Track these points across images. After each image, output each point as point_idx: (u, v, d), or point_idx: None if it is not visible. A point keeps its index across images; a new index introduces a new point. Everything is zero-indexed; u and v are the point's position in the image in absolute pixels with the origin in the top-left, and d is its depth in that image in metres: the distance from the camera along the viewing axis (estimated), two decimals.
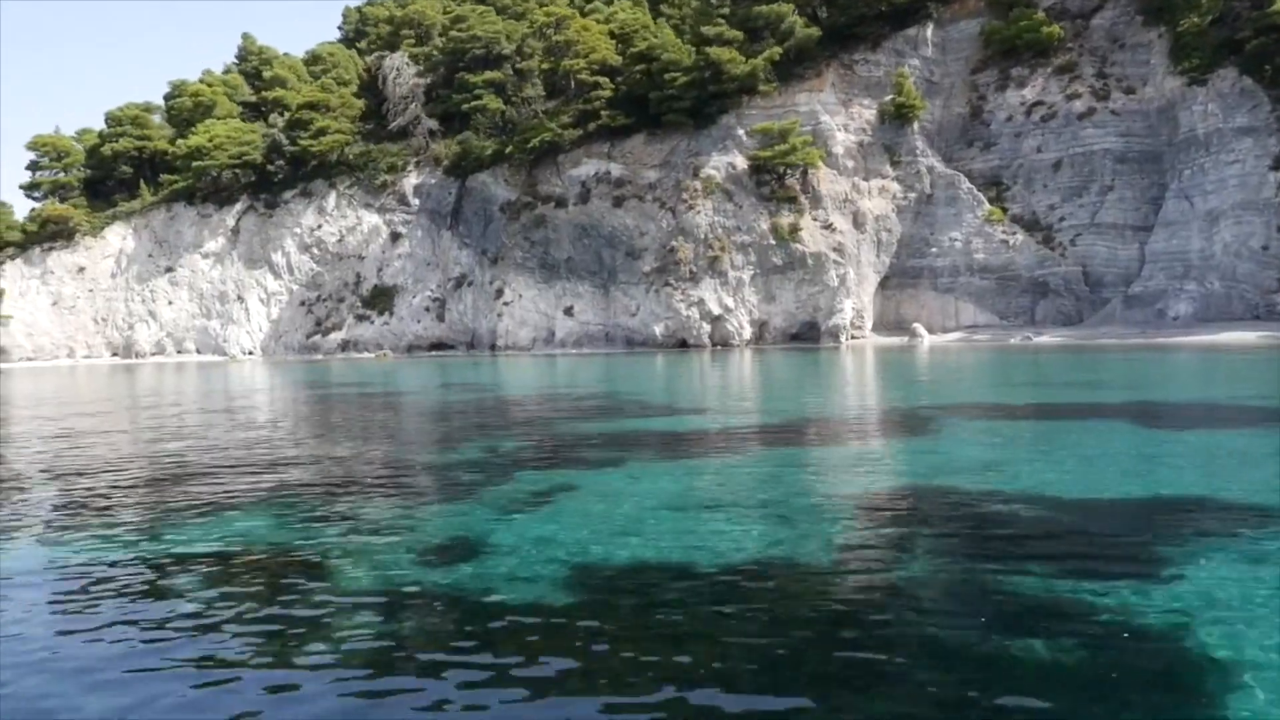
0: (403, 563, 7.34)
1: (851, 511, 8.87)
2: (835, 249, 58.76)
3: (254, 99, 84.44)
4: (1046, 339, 50.26)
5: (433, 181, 72.26)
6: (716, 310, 59.03)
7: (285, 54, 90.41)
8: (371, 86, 78.32)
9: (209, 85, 79.37)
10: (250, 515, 9.38)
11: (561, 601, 6.24)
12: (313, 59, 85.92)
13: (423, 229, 71.87)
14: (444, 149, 72.18)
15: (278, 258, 73.33)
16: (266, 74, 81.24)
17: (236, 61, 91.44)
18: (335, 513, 9.35)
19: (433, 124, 73.24)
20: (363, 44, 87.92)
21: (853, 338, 58.16)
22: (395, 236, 72.12)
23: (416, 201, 72.26)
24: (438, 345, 69.44)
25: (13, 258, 72.39)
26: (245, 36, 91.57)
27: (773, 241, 59.11)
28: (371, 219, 72.62)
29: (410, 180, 72.64)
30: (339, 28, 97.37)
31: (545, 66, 66.57)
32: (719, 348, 58.48)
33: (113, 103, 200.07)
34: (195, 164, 70.68)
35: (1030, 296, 56.29)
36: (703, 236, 59.79)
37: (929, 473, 10.86)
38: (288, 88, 78.96)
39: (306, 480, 11.65)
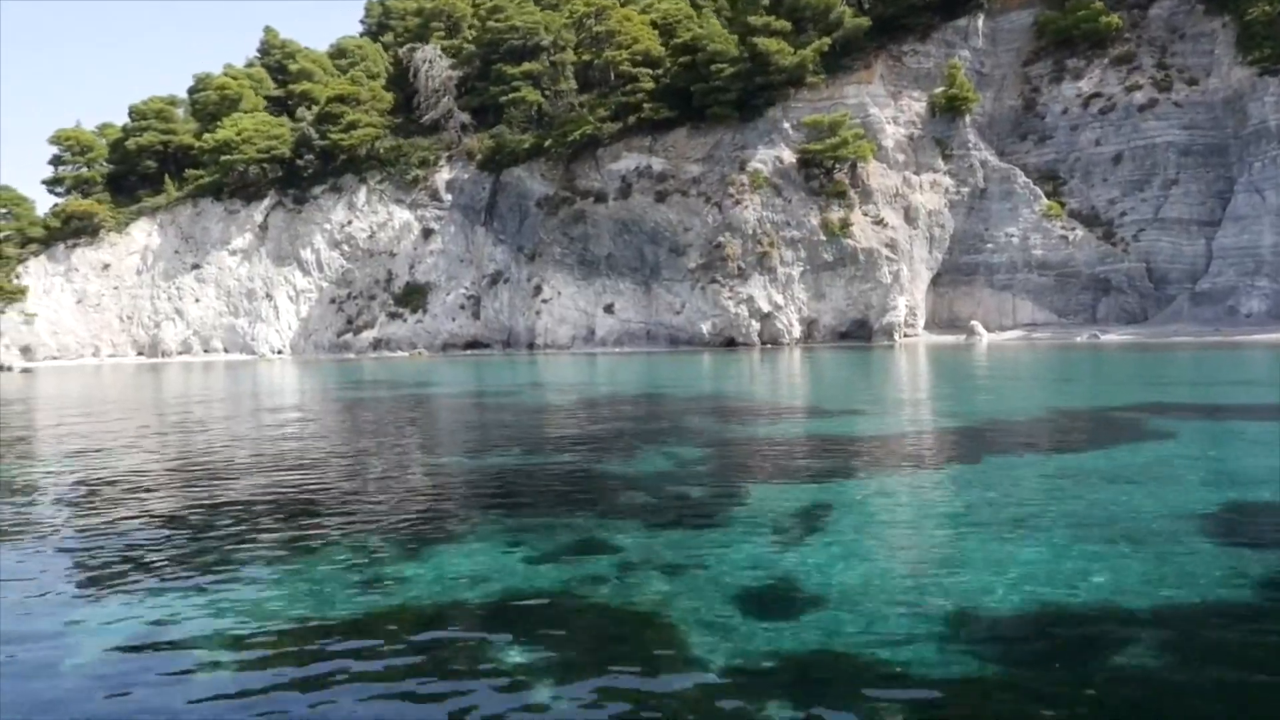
0: (732, 620, 5.52)
1: (1198, 531, 7.26)
2: (887, 245, 57.08)
3: (279, 93, 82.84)
4: (1114, 337, 48.57)
5: (465, 176, 70.61)
6: (766, 308, 57.36)
7: (308, 48, 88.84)
8: (400, 80, 76.63)
9: (234, 78, 77.63)
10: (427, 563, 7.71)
11: (953, 666, 4.67)
12: (338, 52, 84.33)
13: (456, 225, 70.23)
14: (477, 143, 70.53)
15: (307, 254, 71.68)
16: (292, 67, 79.59)
17: (259, 55, 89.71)
18: (568, 544, 7.64)
19: (465, 117, 71.60)
20: (387, 37, 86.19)
21: (905, 336, 56.48)
22: (427, 233, 70.47)
23: (449, 197, 70.61)
24: (472, 344, 67.78)
25: (36, 254, 70.74)
26: (267, 30, 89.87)
27: (823, 237, 57.44)
28: (403, 215, 70.97)
29: (442, 175, 71.00)
30: (361, 21, 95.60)
31: (586, 58, 64.77)
32: (768, 346, 56.80)
33: (129, 99, 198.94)
34: (223, 158, 69.02)
35: (1091, 294, 54.60)
36: (750, 232, 58.11)
37: (1245, 482, 9.22)
38: (314, 81, 77.32)
39: (499, 501, 9.99)
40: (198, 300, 71.79)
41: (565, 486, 10.42)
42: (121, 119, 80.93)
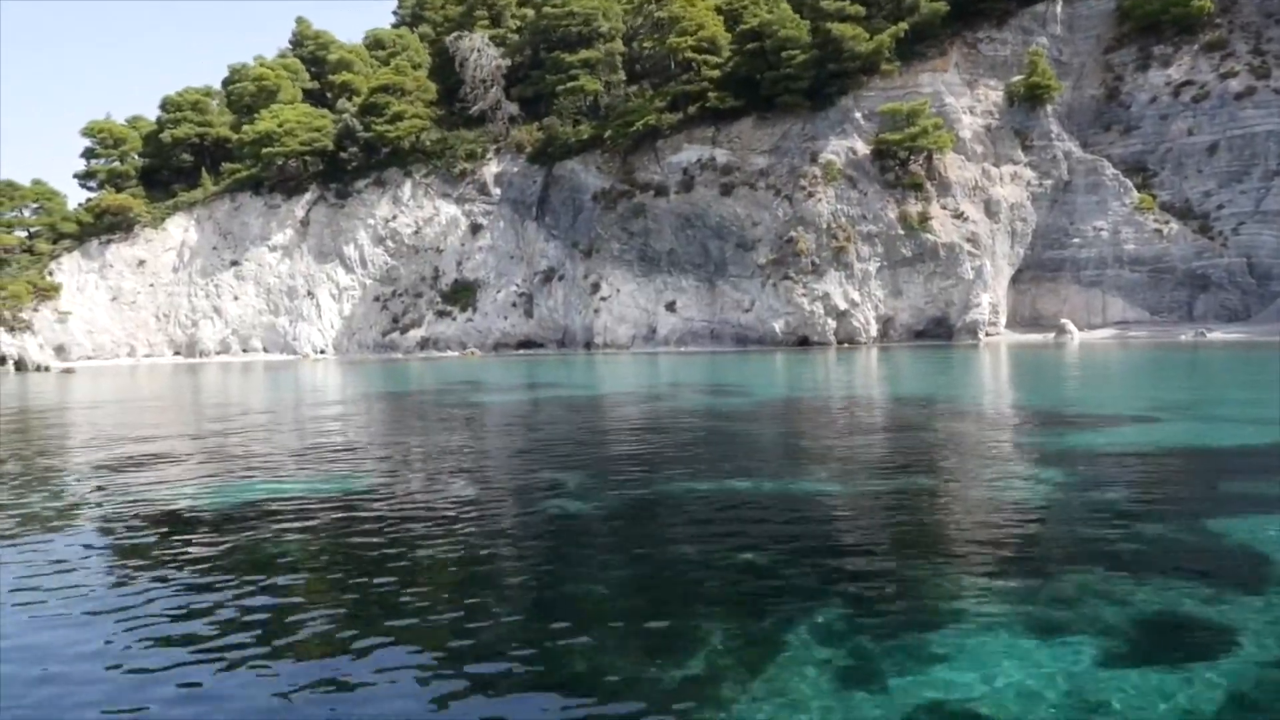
0: None
1: None
2: (969, 239, 54.53)
3: (312, 85, 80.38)
4: (1219, 335, 46.04)
5: (515, 169, 68.04)
6: (842, 305, 54.81)
7: (343, 40, 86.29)
8: (442, 70, 73.98)
9: (271, 69, 75.02)
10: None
11: None
12: (374, 43, 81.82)
13: (505, 220, 67.65)
14: (526, 135, 67.97)
15: (350, 250, 69.08)
16: (330, 57, 77.03)
17: (291, 47, 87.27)
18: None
19: (514, 108, 69.05)
20: (423, 28, 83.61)
21: (986, 335, 53.91)
22: (475, 228, 67.89)
23: (497, 191, 68.05)
24: (525, 344, 65.17)
25: (69, 250, 68.12)
26: (300, 21, 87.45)
27: (900, 231, 54.91)
28: (449, 209, 68.39)
29: (490, 168, 68.43)
30: (394, 12, 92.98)
31: (647, 45, 62.16)
32: (845, 346, 54.23)
33: (155, 93, 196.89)
34: (265, 150, 66.38)
35: (1187, 290, 52.04)
36: (825, 226, 55.57)
37: None
38: (354, 72, 74.73)
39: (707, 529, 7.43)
40: (236, 298, 69.17)
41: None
42: (147, 112, 78.57)
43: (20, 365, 59.03)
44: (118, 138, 72.85)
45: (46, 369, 59.20)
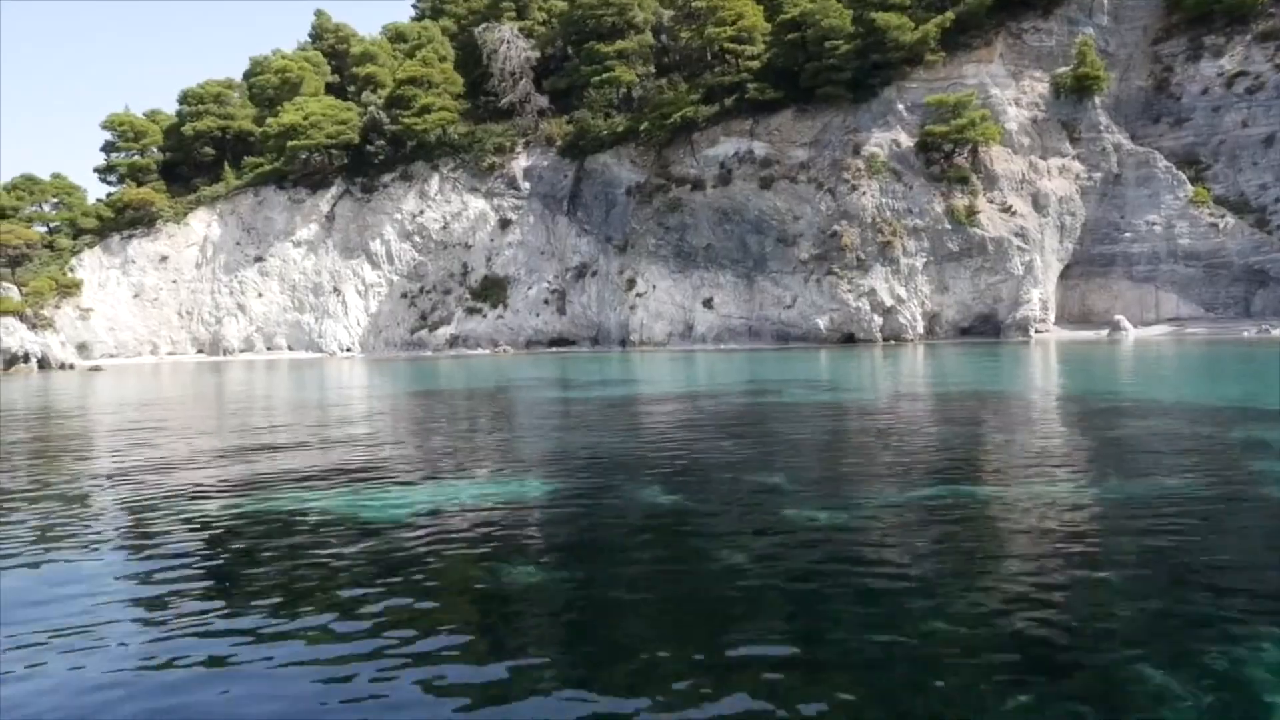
0: None
1: None
2: (1017, 234, 53.29)
3: (333, 79, 79.05)
4: None
5: (545, 163, 66.73)
6: (888, 301, 53.54)
7: (364, 33, 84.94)
8: (466, 63, 72.62)
9: (294, 62, 73.63)
10: None
11: None
12: (396, 36, 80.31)
13: (535, 215, 66.33)
14: (556, 128, 66.65)
15: (376, 246, 67.75)
16: (354, 49, 75.59)
17: (310, 40, 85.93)
18: None
19: (544, 101, 67.71)
20: (444, 21, 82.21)
21: (1036, 331, 52.64)
22: (505, 223, 66.58)
23: (527, 185, 66.72)
24: (557, 341, 63.87)
25: (90, 246, 66.73)
26: (319, 14, 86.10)
27: (948, 225, 53.66)
28: (478, 204, 67.06)
29: (519, 162, 67.12)
30: (414, 5, 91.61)
31: (684, 35, 60.79)
32: (891, 342, 52.94)
33: (170, 86, 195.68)
34: (290, 144, 65.00)
35: (1244, 286, 50.77)
36: (870, 220, 54.29)
37: None
38: (378, 64, 73.34)
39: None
40: (261, 295, 67.82)
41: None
42: (164, 106, 77.13)
43: (44, 363, 57.66)
44: (139, 131, 71.40)
45: (71, 367, 57.85)
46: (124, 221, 67.06)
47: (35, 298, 59.90)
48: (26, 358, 57.24)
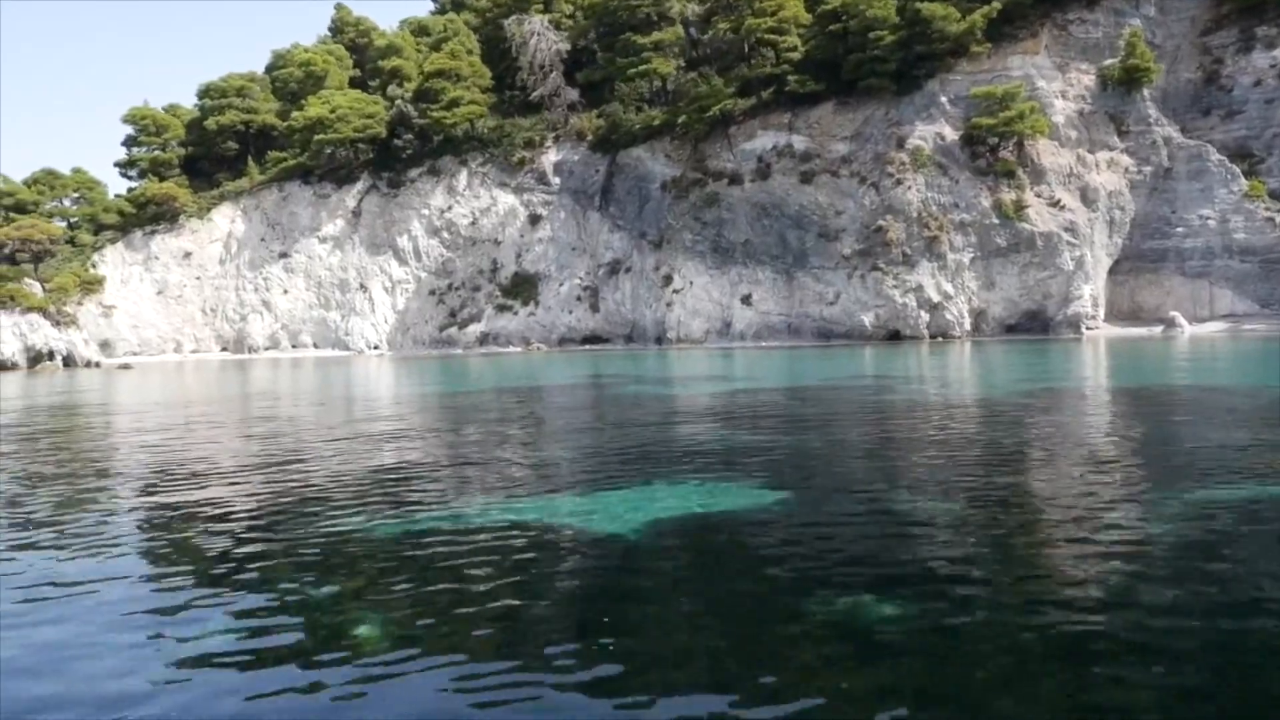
0: None
1: None
2: (1067, 228, 52.07)
3: (354, 73, 77.78)
4: None
5: (575, 158, 65.51)
6: (935, 297, 52.35)
7: (383, 27, 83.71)
8: (491, 57, 71.33)
9: (318, 55, 72.37)
10: None
11: None
12: (419, 29, 79.06)
13: (565, 210, 65.11)
14: (587, 122, 65.45)
15: (403, 242, 66.53)
16: (378, 42, 74.36)
17: (330, 34, 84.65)
18: None
19: (574, 94, 66.48)
20: (464, 15, 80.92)
21: (1087, 328, 51.46)
22: (535, 219, 65.35)
23: (557, 180, 65.51)
24: (589, 339, 62.64)
25: (112, 242, 65.46)
26: (339, 7, 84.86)
27: (995, 220, 52.45)
28: (507, 199, 65.84)
29: (549, 157, 65.90)
30: None
31: (723, 26, 59.52)
32: (939, 339, 51.76)
33: (180, 82, 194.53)
34: (317, 137, 63.75)
35: None
36: (915, 214, 53.09)
37: None
38: (403, 57, 72.07)
39: None
40: (286, 292, 66.58)
41: None
42: (181, 100, 75.87)
43: (69, 361, 56.35)
44: (160, 125, 70.09)
45: (97, 365, 56.57)
46: (146, 217, 65.83)
47: (58, 294, 58.63)
48: (51, 355, 55.95)
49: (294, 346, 66.60)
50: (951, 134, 54.81)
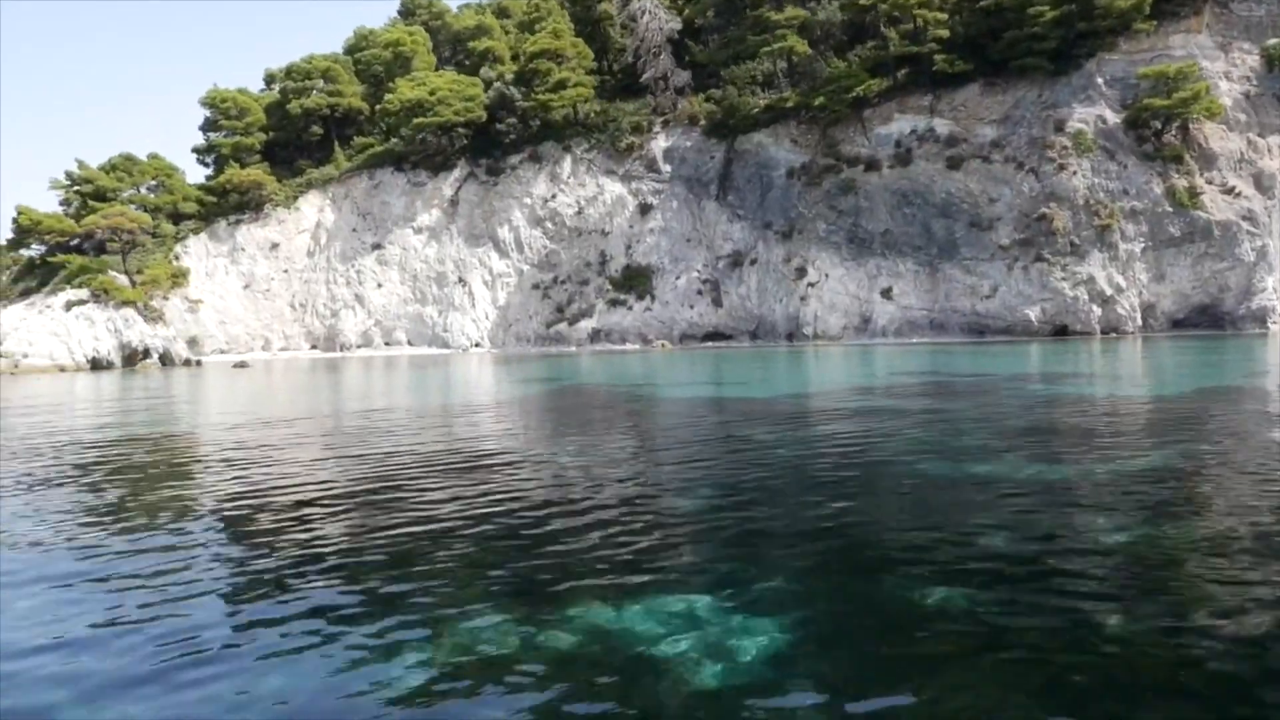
0: None
1: None
2: (1245, 216, 48.87)
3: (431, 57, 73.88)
4: None
5: (687, 144, 61.89)
6: (1108, 290, 49.00)
7: (455, 9, 79.80)
8: (591, 37, 67.54)
9: (407, 34, 68.45)
10: None
11: None
12: (499, 10, 75.28)
13: (678, 199, 61.48)
14: (697, 106, 61.83)
15: (504, 233, 62.76)
16: (466, 23, 70.51)
17: (399, 16, 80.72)
18: None
19: (686, 76, 62.87)
20: None
21: (1273, 323, 48.19)
22: (645, 208, 61.69)
23: (668, 167, 61.87)
24: (712, 335, 59.04)
25: (195, 232, 61.44)
26: None
27: (1168, 208, 49.16)
28: (615, 188, 62.16)
29: (659, 143, 62.26)
30: None
31: (862, 3, 55.98)
32: (1112, 335, 48.42)
33: (230, 69, 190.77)
34: (416, 120, 59.88)
35: None
36: (1082, 202, 49.74)
37: None
38: (493, 38, 68.28)
39: None
40: (380, 285, 62.69)
41: None
42: (245, 86, 71.67)
43: (165, 359, 52.32)
44: (242, 108, 65.93)
45: (198, 363, 52.57)
46: (229, 206, 61.87)
47: (150, 286, 54.62)
48: (147, 353, 51.91)
49: (387, 344, 62.75)
50: (1112, 117, 51.47)
